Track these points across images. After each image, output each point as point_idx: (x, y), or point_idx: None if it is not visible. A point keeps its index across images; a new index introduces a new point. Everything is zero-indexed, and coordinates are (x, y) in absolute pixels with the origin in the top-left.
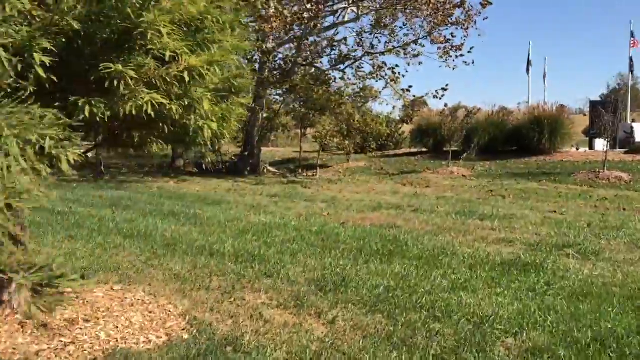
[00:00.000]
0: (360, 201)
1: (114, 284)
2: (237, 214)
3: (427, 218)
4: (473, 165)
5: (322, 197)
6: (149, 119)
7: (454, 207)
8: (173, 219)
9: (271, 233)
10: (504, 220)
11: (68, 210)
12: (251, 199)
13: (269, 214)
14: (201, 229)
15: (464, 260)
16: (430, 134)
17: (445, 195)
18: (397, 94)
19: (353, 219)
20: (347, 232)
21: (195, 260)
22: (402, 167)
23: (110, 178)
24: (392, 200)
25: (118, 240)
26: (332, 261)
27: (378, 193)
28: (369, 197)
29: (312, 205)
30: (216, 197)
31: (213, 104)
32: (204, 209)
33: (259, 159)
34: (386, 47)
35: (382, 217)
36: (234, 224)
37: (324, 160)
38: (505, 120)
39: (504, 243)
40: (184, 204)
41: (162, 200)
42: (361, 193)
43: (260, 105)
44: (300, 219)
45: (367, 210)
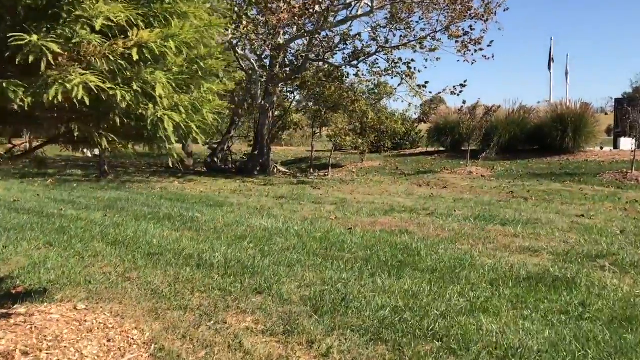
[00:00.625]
0: (371, 203)
1: (80, 302)
2: (238, 217)
3: (442, 223)
4: (493, 165)
5: (331, 198)
6: (93, 107)
7: (472, 210)
8: (167, 223)
9: (270, 240)
10: (527, 226)
11: (57, 213)
12: (256, 201)
13: (272, 217)
14: (194, 235)
15: (484, 274)
16: (448, 133)
17: (463, 197)
18: (413, 90)
19: (362, 223)
20: (354, 239)
21: (179, 273)
22: (418, 166)
23: (114, 178)
24: (406, 202)
25: (99, 247)
26: (334, 274)
27: (391, 194)
28: (381, 199)
29: (319, 208)
30: (219, 198)
31: (178, 92)
32: (204, 211)
33: (269, 159)
34: (401, 41)
35: (393, 222)
36: (232, 229)
37: (338, 159)
38: (526, 118)
39: (529, 252)
40: (184, 206)
41: (162, 202)
42: (373, 195)
43: (270, 103)
44: (305, 223)
45: (378, 213)
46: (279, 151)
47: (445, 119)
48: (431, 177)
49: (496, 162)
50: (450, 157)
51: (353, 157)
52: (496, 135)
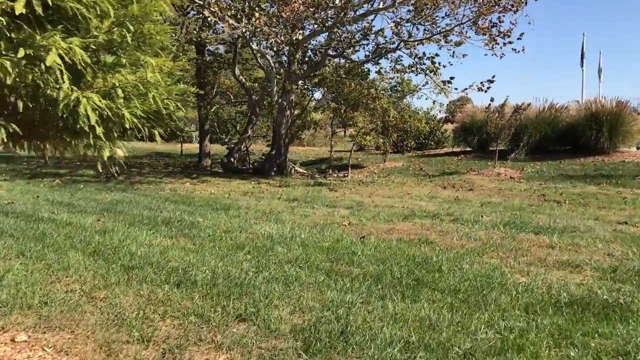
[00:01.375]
0: (390, 207)
1: (23, 331)
2: (242, 222)
3: (468, 231)
4: (522, 166)
5: (347, 202)
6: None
7: (501, 216)
8: (163, 229)
9: (271, 250)
10: (564, 235)
11: (47, 217)
12: (266, 204)
13: (279, 222)
14: (188, 243)
15: (517, 297)
16: (475, 132)
17: (490, 200)
18: (438, 86)
19: (377, 231)
20: (366, 250)
21: (154, 292)
22: (443, 167)
23: (124, 179)
24: (428, 206)
25: (74, 258)
26: (337, 295)
27: (413, 197)
28: (401, 202)
29: (332, 213)
30: (228, 201)
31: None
32: (208, 215)
33: (286, 159)
34: (425, 35)
35: (413, 229)
36: (231, 237)
37: (359, 160)
38: (557, 117)
39: (569, 268)
40: (187, 210)
41: (165, 205)
42: (393, 197)
43: (288, 101)
44: (314, 230)
45: (396, 219)
46: (300, 151)
47: (471, 118)
48: (456, 178)
49: (526, 163)
50: (477, 157)
51: (375, 157)
52: (526, 134)
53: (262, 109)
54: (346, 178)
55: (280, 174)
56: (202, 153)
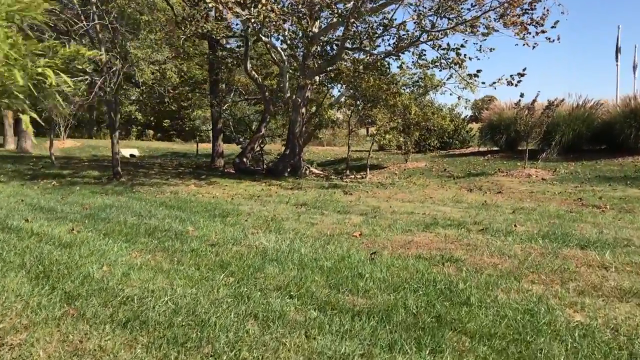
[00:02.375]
0: (409, 214)
1: None
2: (238, 232)
3: (500, 244)
4: (554, 167)
5: (362, 207)
6: None
7: (538, 225)
8: (143, 241)
9: (260, 270)
10: (617, 250)
11: (17, 226)
12: (272, 209)
13: (280, 232)
14: (163, 261)
15: (575, 348)
16: (503, 131)
17: (523, 206)
18: (463, 81)
19: (392, 244)
20: (376, 270)
21: (89, 336)
22: (468, 168)
23: (126, 180)
24: (453, 213)
25: (13, 282)
26: (329, 344)
27: (436, 202)
28: (422, 207)
29: (343, 220)
30: (229, 205)
31: None
32: (201, 223)
33: (300, 159)
34: (449, 25)
35: (434, 242)
36: (219, 251)
37: (380, 160)
38: (592, 114)
39: (634, 299)
40: (181, 216)
41: (158, 211)
42: (414, 202)
43: (303, 97)
44: (317, 243)
45: (415, 228)
46: (319, 151)
47: (499, 115)
48: (484, 180)
49: (558, 163)
50: (506, 157)
51: (397, 157)
52: (558, 133)
53: (276, 107)
54: (364, 180)
55: (294, 175)
56: (215, 153)
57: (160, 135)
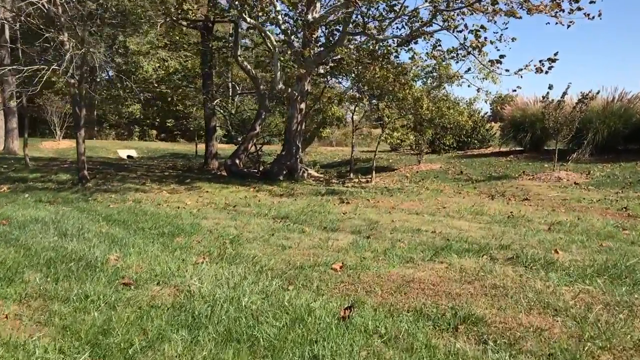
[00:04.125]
0: (414, 233)
1: None
2: (175, 262)
3: (541, 287)
4: (587, 169)
5: (356, 221)
6: None
7: (586, 250)
8: (31, 278)
9: (158, 343)
10: None
11: None
12: (242, 225)
13: (234, 262)
14: (21, 322)
15: None
16: (527, 128)
17: (559, 218)
18: (484, 69)
19: (383, 285)
20: (344, 344)
21: None
22: (489, 170)
23: (92, 185)
24: (472, 230)
25: None
26: None
27: (450, 214)
28: (433, 222)
29: (327, 241)
30: (191, 219)
31: None
32: (136, 247)
33: (297, 161)
34: (467, 2)
35: (444, 282)
36: (130, 297)
37: (391, 161)
38: (630, 109)
39: None
40: (118, 236)
41: (95, 227)
42: (423, 214)
43: (300, 91)
44: (276, 283)
45: (420, 255)
46: (327, 152)
47: (523, 112)
48: (507, 184)
49: (591, 165)
50: (530, 158)
51: (409, 158)
52: (590, 130)
53: (273, 102)
54: (368, 184)
55: (290, 179)
56: (209, 154)
57: (164, 135)
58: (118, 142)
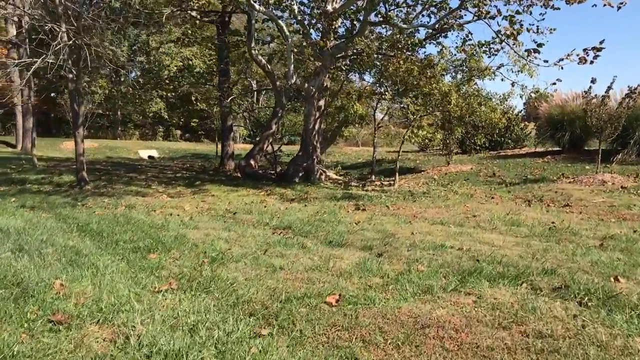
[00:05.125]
0: (436, 249)
1: None
2: (136, 289)
3: (605, 338)
4: (636, 172)
5: (369, 233)
6: None
7: None
8: None
9: None
10: None
11: None
12: (235, 237)
13: (209, 289)
14: None
15: None
16: (566, 127)
17: (611, 231)
18: (520, 60)
19: (387, 331)
20: None
21: None
22: (524, 172)
23: (91, 188)
24: (506, 246)
25: None
26: None
27: (480, 224)
28: (460, 235)
29: (328, 261)
30: (177, 230)
31: None
32: (93, 269)
33: (314, 162)
34: None
35: (471, 324)
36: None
37: (418, 162)
38: None
39: None
40: (83, 251)
41: (65, 239)
42: (449, 224)
43: (318, 86)
44: (248, 325)
45: (441, 283)
46: (352, 152)
47: (561, 109)
48: (545, 188)
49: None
50: (569, 159)
51: (438, 159)
52: (638, 129)
53: (291, 99)
54: (391, 187)
55: (306, 181)
56: (225, 154)
57: (188, 135)
58: (140, 143)
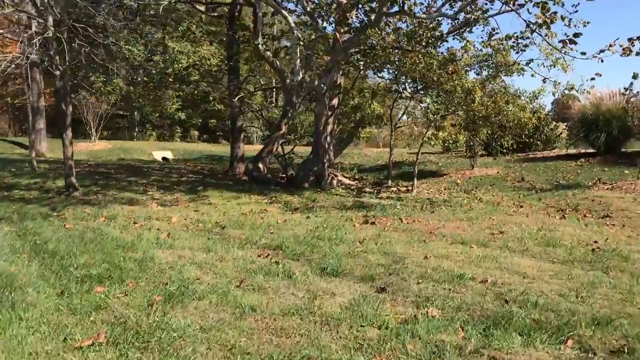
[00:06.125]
0: (454, 282)
1: None
2: (41, 343)
3: None
4: None
5: (375, 255)
6: None
7: None
8: None
9: None
10: None
11: None
12: (213, 260)
13: (136, 349)
14: None
15: None
16: (601, 127)
17: None
18: (552, 52)
19: None
20: None
21: None
22: (555, 177)
23: (79, 194)
24: (542, 277)
25: None
26: None
27: (508, 245)
28: (483, 261)
29: (315, 299)
30: (151, 249)
31: None
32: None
33: (324, 166)
34: None
35: None
36: None
37: (440, 165)
38: None
39: None
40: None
41: (8, 263)
42: (470, 244)
43: (329, 84)
44: None
45: (455, 339)
46: (372, 154)
47: (596, 108)
48: (579, 195)
49: None
50: (605, 162)
51: (462, 161)
52: None
53: (300, 97)
54: (408, 194)
55: (316, 186)
56: (234, 157)
57: (206, 136)
58: (156, 144)
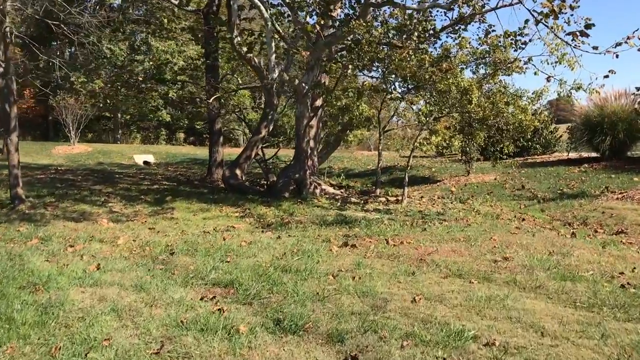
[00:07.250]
0: (448, 345)
1: None
2: None
3: None
4: None
5: (349, 298)
6: None
7: None
8: None
9: None
10: None
11: None
12: (141, 306)
13: None
14: None
15: None
16: (606, 130)
17: None
18: (559, 46)
19: None
20: None
21: None
22: (558, 184)
23: (25, 207)
24: (564, 331)
25: None
26: None
27: (515, 278)
28: (487, 304)
29: None
30: (66, 288)
31: None
32: None
33: (306, 173)
34: None
35: None
36: None
37: (433, 170)
38: None
39: None
40: None
41: None
42: (469, 277)
43: (312, 82)
44: None
45: None
46: (362, 157)
47: (600, 109)
48: (587, 206)
49: None
50: (611, 168)
51: (457, 166)
52: None
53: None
54: (398, 205)
55: (297, 196)
56: (213, 162)
57: (192, 138)
58: (139, 147)
